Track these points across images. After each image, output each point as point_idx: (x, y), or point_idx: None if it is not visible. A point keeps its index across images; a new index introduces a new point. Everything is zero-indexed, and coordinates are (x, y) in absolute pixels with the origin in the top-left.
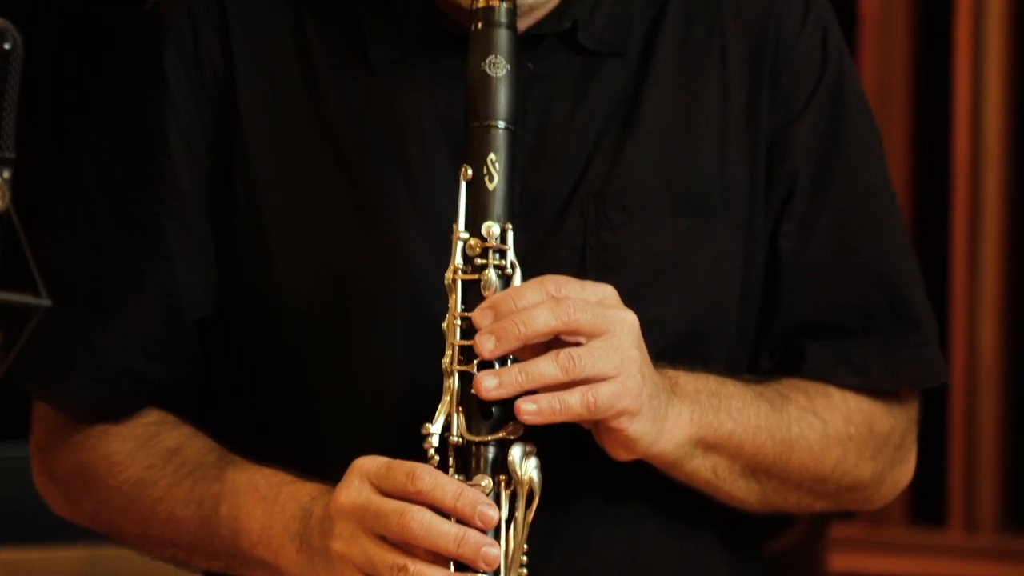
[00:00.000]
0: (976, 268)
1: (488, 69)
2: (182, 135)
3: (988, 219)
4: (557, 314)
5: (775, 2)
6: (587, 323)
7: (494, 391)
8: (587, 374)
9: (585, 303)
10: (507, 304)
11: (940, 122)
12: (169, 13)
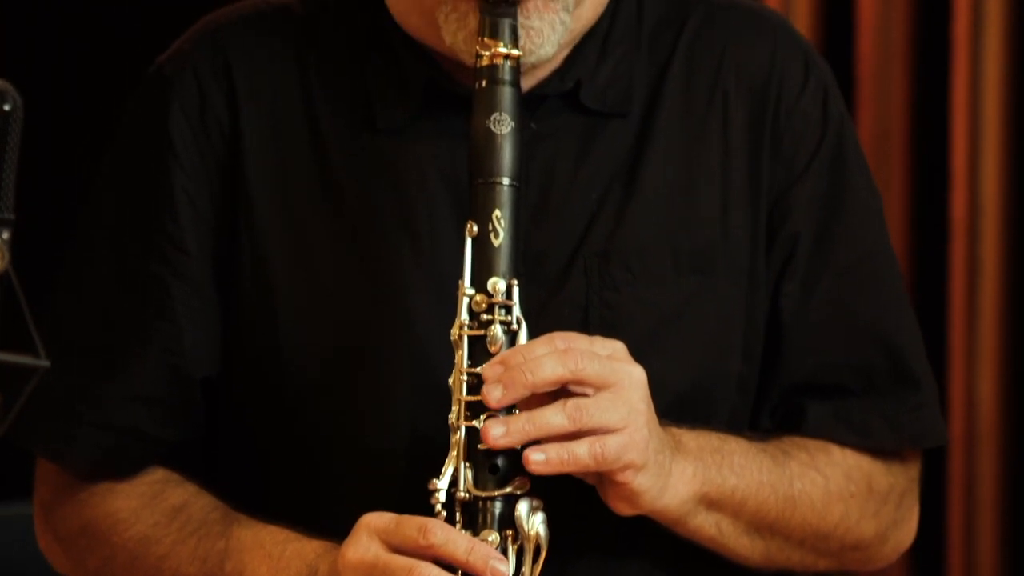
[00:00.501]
0: (974, 327)
1: (493, 126)
2: (188, 196)
3: (986, 277)
4: (565, 363)
5: (776, 64)
6: (595, 374)
7: (501, 439)
8: (594, 424)
9: (593, 355)
10: (516, 359)
11: (938, 180)
12: (175, 74)
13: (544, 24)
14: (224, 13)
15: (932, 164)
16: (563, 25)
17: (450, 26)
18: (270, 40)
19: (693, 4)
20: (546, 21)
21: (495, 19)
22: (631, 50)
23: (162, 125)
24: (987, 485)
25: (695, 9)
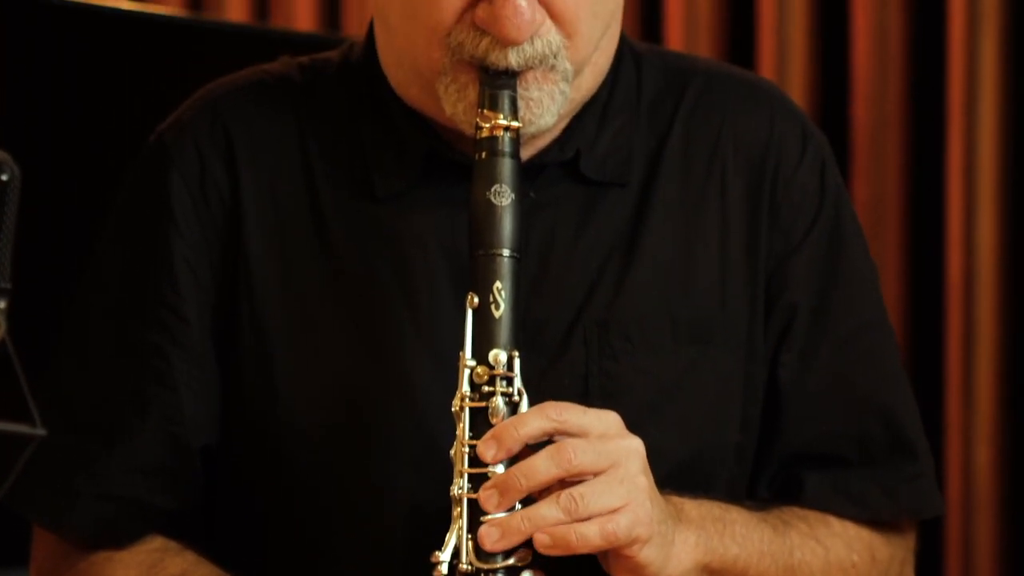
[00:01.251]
0: (971, 393)
1: (493, 198)
2: (188, 265)
3: (982, 344)
4: (558, 462)
5: (773, 135)
6: (589, 463)
7: (498, 544)
8: (591, 512)
9: (586, 444)
10: (510, 433)
11: (933, 245)
12: (175, 144)
13: (543, 95)
14: (224, 83)
15: (927, 230)
16: (562, 95)
17: (450, 97)
18: (269, 109)
19: (691, 74)
20: (545, 92)
21: (495, 91)
22: (631, 120)
23: (163, 194)
24: (984, 554)
25: (693, 79)
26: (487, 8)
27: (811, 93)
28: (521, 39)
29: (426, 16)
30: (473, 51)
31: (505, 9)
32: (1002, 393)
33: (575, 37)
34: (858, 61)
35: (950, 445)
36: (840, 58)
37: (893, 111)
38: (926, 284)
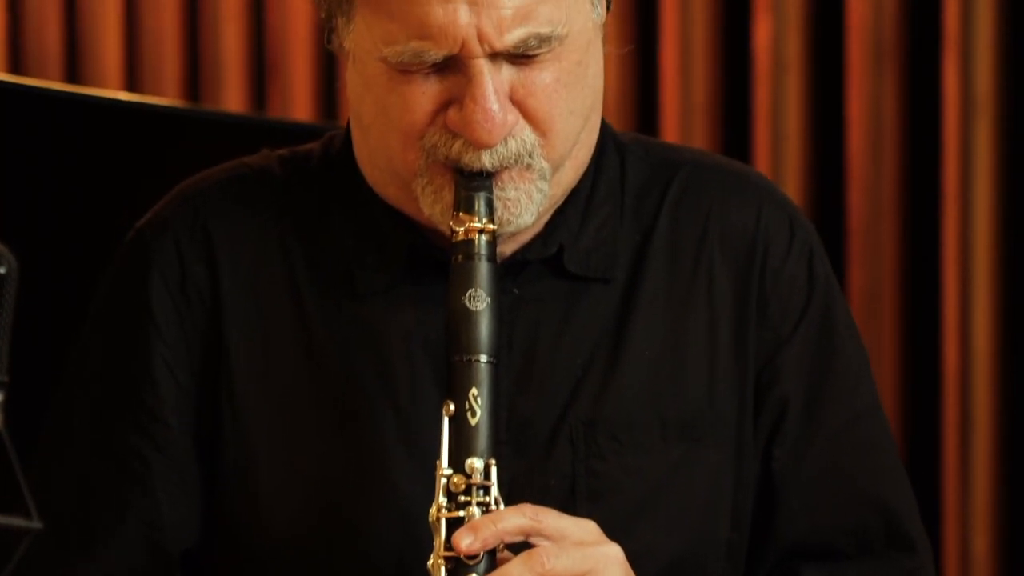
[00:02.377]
0: (967, 485)
1: (468, 303)
2: (168, 366)
3: (978, 434)
4: (532, 567)
5: (760, 227)
6: (564, 569)
7: None
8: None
9: (561, 550)
10: (487, 525)
11: (930, 335)
12: (155, 241)
13: (520, 194)
14: (203, 178)
15: (923, 317)
16: (540, 193)
17: (427, 199)
18: (250, 205)
19: (677, 165)
20: (522, 191)
21: (470, 193)
22: (614, 212)
23: (142, 294)
24: None
25: (679, 170)
26: (458, 112)
27: (806, 180)
28: (493, 142)
29: (399, 119)
30: (447, 153)
31: (476, 113)
32: (999, 483)
33: (550, 135)
34: (852, 148)
35: (947, 535)
36: (835, 145)
37: (888, 198)
38: (922, 372)
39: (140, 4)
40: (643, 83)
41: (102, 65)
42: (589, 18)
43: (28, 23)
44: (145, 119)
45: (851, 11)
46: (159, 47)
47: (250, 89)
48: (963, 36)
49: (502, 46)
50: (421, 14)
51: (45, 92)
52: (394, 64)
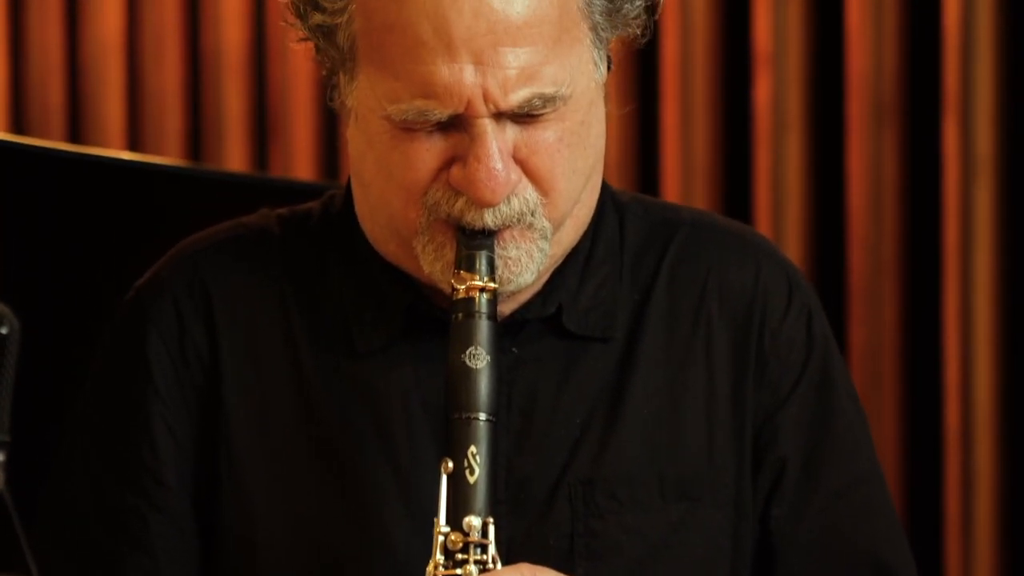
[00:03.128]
0: (969, 547)
1: (468, 361)
2: (167, 425)
3: (980, 495)
4: None
5: (759, 287)
6: None
7: None
8: None
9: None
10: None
11: (931, 395)
12: (153, 301)
13: (522, 253)
14: (201, 238)
15: (925, 378)
16: (541, 253)
17: (428, 256)
18: (248, 264)
19: (676, 225)
20: (523, 250)
21: (471, 251)
22: (613, 272)
23: (140, 353)
24: None
25: (678, 230)
26: (461, 169)
27: (806, 238)
28: (496, 201)
29: (401, 176)
30: (449, 211)
31: (479, 172)
32: (1001, 543)
33: (552, 194)
34: (853, 206)
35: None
36: (835, 203)
37: (888, 257)
38: (923, 432)
39: (142, 63)
40: (644, 142)
41: (104, 124)
42: (592, 78)
43: (30, 82)
44: (147, 178)
45: (851, 70)
46: (161, 106)
47: (252, 148)
48: (963, 96)
49: (507, 106)
50: (426, 73)
51: (47, 152)
52: (398, 122)
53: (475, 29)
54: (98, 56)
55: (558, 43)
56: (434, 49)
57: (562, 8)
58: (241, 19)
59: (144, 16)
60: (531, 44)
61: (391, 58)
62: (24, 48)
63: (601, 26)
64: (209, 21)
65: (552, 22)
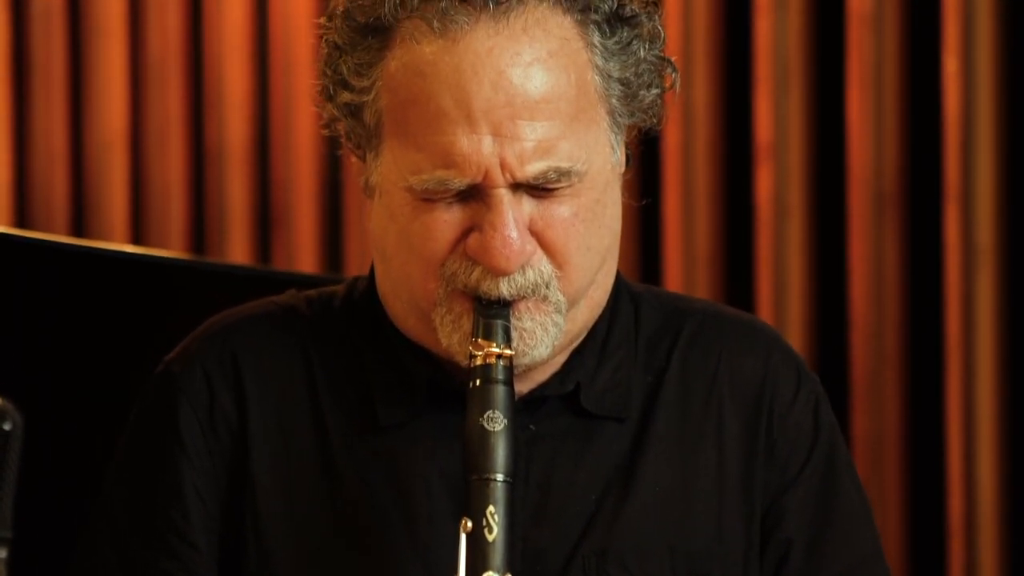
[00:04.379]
0: None
1: (486, 424)
2: (197, 492)
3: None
4: None
5: (768, 375)
6: None
7: None
8: None
9: None
10: None
11: (934, 485)
12: (184, 373)
13: (536, 326)
14: (232, 313)
15: (928, 468)
16: (556, 327)
17: (446, 328)
18: (276, 339)
19: (688, 314)
20: (538, 323)
21: (488, 320)
22: (629, 356)
23: (172, 422)
24: None
25: (690, 318)
26: (478, 238)
27: (808, 327)
28: (511, 269)
29: (421, 247)
30: (466, 281)
31: (495, 240)
32: None
33: (567, 268)
34: (855, 296)
35: None
36: (837, 293)
37: (891, 346)
38: (927, 522)
39: (146, 156)
40: (646, 231)
41: (108, 216)
42: (608, 161)
43: (35, 174)
44: (150, 271)
45: (852, 159)
46: (165, 199)
47: (255, 241)
48: (964, 186)
49: (523, 176)
50: (447, 144)
51: (51, 245)
52: (419, 192)
53: (494, 102)
54: (102, 148)
55: (575, 120)
56: (455, 120)
57: (580, 88)
58: (244, 112)
59: (148, 109)
60: (548, 119)
61: (414, 130)
62: (28, 140)
63: (618, 111)
64: (213, 114)
65: (570, 99)
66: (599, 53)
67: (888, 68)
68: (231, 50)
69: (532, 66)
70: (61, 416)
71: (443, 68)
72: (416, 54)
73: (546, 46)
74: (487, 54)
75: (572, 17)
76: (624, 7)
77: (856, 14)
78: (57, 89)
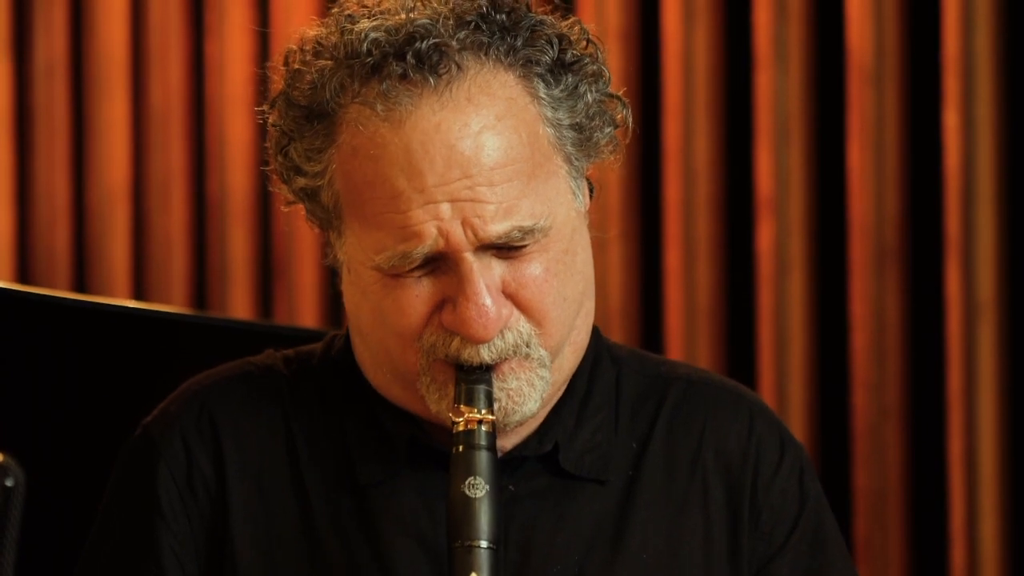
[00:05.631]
0: None
1: (468, 490)
2: (176, 556)
3: None
4: None
5: (752, 441)
6: None
7: None
8: None
9: None
10: None
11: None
12: (162, 436)
13: (522, 383)
14: (209, 375)
15: (930, 522)
16: (542, 381)
17: (432, 396)
18: (255, 400)
19: (672, 380)
20: (524, 380)
21: (470, 386)
22: (608, 420)
23: (150, 487)
24: None
25: (674, 385)
26: (453, 311)
27: (810, 381)
28: (489, 336)
29: (395, 323)
30: (446, 351)
31: (470, 311)
32: None
33: (545, 323)
34: (856, 348)
35: None
36: (838, 346)
37: (892, 399)
38: None
39: (148, 210)
40: (647, 285)
41: (110, 269)
42: (572, 207)
43: (37, 227)
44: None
45: (853, 213)
46: (167, 252)
47: (256, 294)
48: (965, 240)
49: (486, 236)
50: (404, 219)
51: (52, 300)
52: (386, 269)
53: (448, 176)
54: (104, 201)
55: (532, 178)
56: (410, 198)
57: (533, 144)
58: (246, 166)
59: (150, 162)
60: (506, 181)
61: (372, 211)
62: (31, 192)
63: (574, 156)
64: (215, 167)
65: (525, 159)
66: (547, 104)
67: (888, 122)
68: (232, 103)
69: (482, 134)
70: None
71: (392, 150)
72: (364, 138)
73: (493, 111)
74: (435, 130)
75: (514, 73)
76: (565, 52)
77: (856, 68)
78: (60, 142)
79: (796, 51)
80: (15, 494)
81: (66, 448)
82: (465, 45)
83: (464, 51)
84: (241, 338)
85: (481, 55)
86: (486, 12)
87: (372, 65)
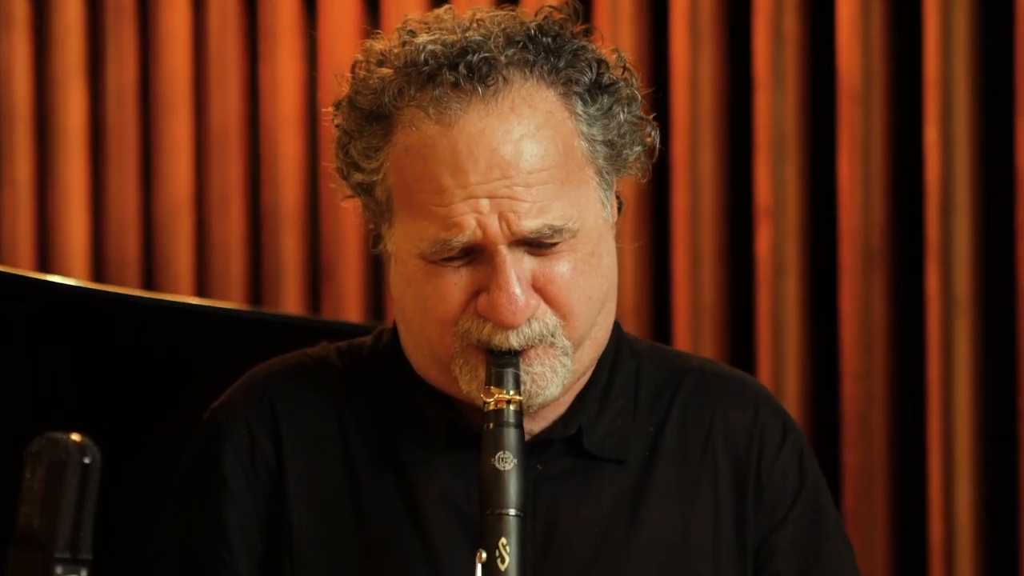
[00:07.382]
0: None
1: (497, 464)
2: (240, 528)
3: None
4: None
5: (757, 425)
6: None
7: None
8: None
9: None
10: None
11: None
12: (227, 420)
13: (546, 369)
14: (270, 364)
15: (911, 497)
16: (564, 368)
17: (464, 377)
18: (310, 388)
19: (686, 371)
20: (547, 366)
21: (499, 369)
22: (628, 407)
23: (217, 465)
24: None
25: (688, 376)
26: (486, 298)
27: (804, 373)
28: (517, 323)
29: (435, 308)
30: (479, 336)
31: (501, 298)
32: None
33: (570, 317)
34: (846, 343)
35: None
36: (830, 340)
37: (879, 388)
38: (910, 545)
39: (209, 219)
40: (657, 285)
41: (176, 272)
42: (600, 216)
43: (109, 235)
44: (213, 321)
45: (843, 220)
46: (226, 256)
47: (306, 292)
48: (943, 243)
49: (519, 232)
50: (447, 211)
51: (125, 298)
52: (428, 257)
53: (490, 176)
54: (170, 211)
55: (566, 183)
56: (454, 193)
57: (567, 154)
58: (297, 179)
59: (211, 176)
60: (541, 184)
61: (419, 203)
62: (103, 204)
63: (605, 170)
64: (269, 180)
65: (559, 166)
66: (583, 120)
67: (875, 138)
68: (285, 122)
69: (522, 141)
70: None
71: (441, 150)
72: (416, 138)
73: (533, 121)
74: (480, 134)
75: (556, 91)
76: (602, 76)
77: (846, 90)
78: (129, 158)
79: (792, 74)
80: (92, 471)
81: (143, 432)
82: (512, 61)
83: (511, 66)
84: (294, 332)
85: (526, 71)
86: (534, 34)
87: (428, 73)
